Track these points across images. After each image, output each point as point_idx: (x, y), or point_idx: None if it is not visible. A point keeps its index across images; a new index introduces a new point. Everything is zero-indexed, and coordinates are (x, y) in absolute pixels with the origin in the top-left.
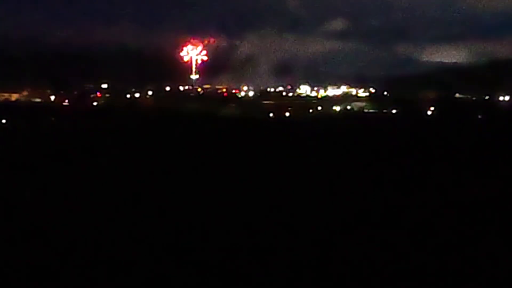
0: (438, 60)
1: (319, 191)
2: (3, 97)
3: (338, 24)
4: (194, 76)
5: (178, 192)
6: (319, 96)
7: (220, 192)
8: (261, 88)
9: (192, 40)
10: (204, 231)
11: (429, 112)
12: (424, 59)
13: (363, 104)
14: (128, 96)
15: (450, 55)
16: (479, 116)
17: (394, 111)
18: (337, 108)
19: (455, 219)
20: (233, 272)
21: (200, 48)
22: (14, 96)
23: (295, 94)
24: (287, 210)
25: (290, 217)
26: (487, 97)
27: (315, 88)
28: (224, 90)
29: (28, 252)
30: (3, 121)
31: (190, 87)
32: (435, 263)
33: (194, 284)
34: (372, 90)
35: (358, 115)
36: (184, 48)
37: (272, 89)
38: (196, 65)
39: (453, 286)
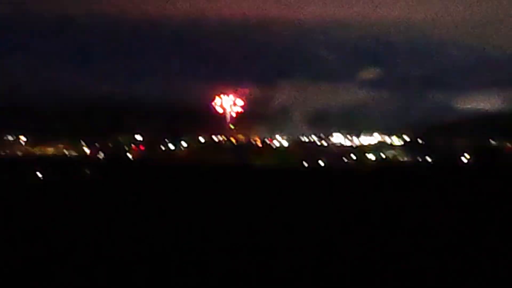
0: (473, 107)
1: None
2: (39, 151)
3: (372, 72)
4: (228, 127)
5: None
6: (353, 145)
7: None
8: (295, 137)
9: (226, 91)
10: None
11: (464, 160)
12: (458, 106)
13: (397, 152)
14: (163, 148)
15: (485, 102)
16: None
17: (428, 159)
18: (371, 157)
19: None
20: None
21: (234, 98)
22: (50, 150)
23: (329, 143)
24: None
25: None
26: None
27: (349, 137)
28: (258, 140)
29: None
30: (39, 174)
31: (225, 138)
32: None
33: None
34: (406, 138)
35: (392, 163)
36: (218, 99)
37: (306, 138)
38: (230, 116)
39: None
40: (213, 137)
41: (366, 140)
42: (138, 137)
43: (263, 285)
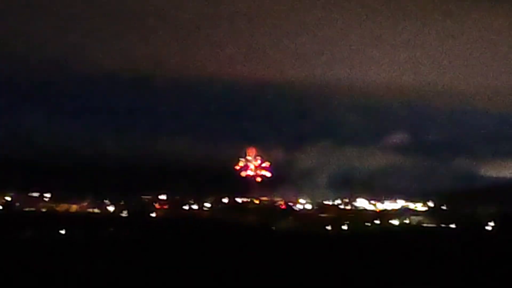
0: (497, 175)
1: None
2: (63, 208)
3: (396, 138)
4: (251, 189)
5: None
6: (377, 210)
7: None
8: (319, 200)
9: (251, 153)
10: None
11: (488, 228)
12: (483, 174)
13: (421, 218)
14: (186, 207)
15: (510, 170)
16: None
17: (452, 225)
18: (394, 222)
19: None
20: None
21: (259, 161)
22: (74, 207)
23: (352, 208)
24: None
25: None
26: None
27: (372, 202)
28: (282, 202)
29: None
30: (63, 232)
31: (248, 200)
32: None
33: None
34: (430, 204)
35: (416, 229)
36: (243, 161)
37: (329, 202)
38: (254, 178)
39: None
40: (236, 198)
41: (389, 205)
42: (162, 196)
43: None
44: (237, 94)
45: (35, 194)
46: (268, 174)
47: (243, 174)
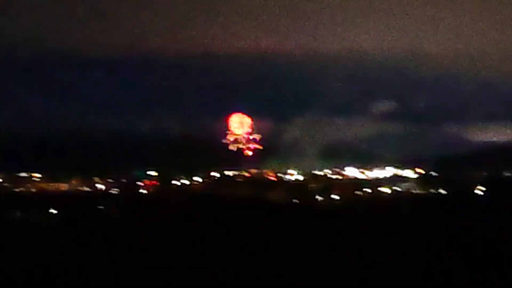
0: (486, 139)
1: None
2: (52, 187)
3: (385, 106)
4: (241, 161)
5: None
6: (367, 178)
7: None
8: (308, 171)
9: (239, 126)
10: None
11: (478, 192)
12: (472, 139)
13: (411, 185)
14: (176, 183)
15: (499, 134)
16: None
17: (442, 191)
18: (384, 190)
19: None
20: None
21: (247, 133)
22: (63, 186)
23: (342, 177)
24: None
25: None
26: None
27: (362, 170)
28: (272, 174)
29: None
30: (53, 211)
31: (237, 172)
32: None
33: None
34: (420, 171)
35: (406, 196)
36: (232, 134)
37: (319, 172)
38: (243, 151)
39: None
40: (226, 171)
41: (379, 173)
42: (152, 172)
43: None
44: (226, 66)
45: (24, 174)
46: (258, 147)
47: (232, 147)
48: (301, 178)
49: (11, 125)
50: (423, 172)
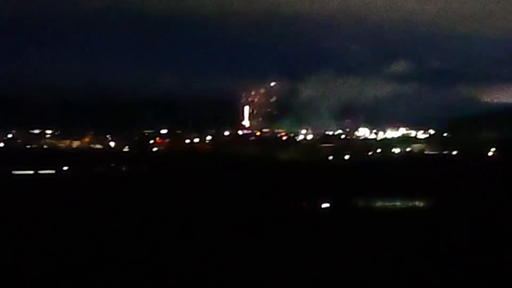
0: (499, 100)
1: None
2: (64, 144)
3: (399, 66)
4: (253, 121)
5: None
6: (379, 139)
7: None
8: (321, 131)
9: (252, 84)
10: None
11: (490, 153)
12: (485, 100)
13: (423, 146)
14: (188, 141)
15: (510, 95)
16: None
17: (454, 152)
18: (396, 150)
19: None
20: None
21: (260, 92)
22: (76, 143)
23: (354, 137)
24: None
25: None
26: None
27: (374, 131)
28: (283, 133)
29: None
30: (65, 168)
31: (249, 131)
32: None
33: None
34: (432, 132)
35: (417, 156)
36: (244, 92)
37: (331, 132)
38: (255, 109)
39: None
40: (238, 131)
41: (391, 134)
42: (163, 131)
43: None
44: (239, 24)
45: (36, 131)
46: (269, 104)
47: (244, 104)
48: (311, 137)
49: (24, 81)
50: (434, 133)
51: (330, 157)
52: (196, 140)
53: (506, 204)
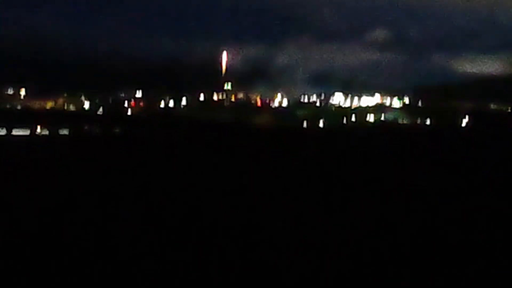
0: (474, 70)
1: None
2: (37, 105)
3: (375, 34)
4: (227, 85)
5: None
6: (353, 107)
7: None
8: (295, 97)
9: (228, 49)
10: None
11: (463, 123)
12: (460, 70)
13: (397, 114)
14: (162, 105)
15: (486, 66)
16: None
17: (427, 122)
18: (370, 118)
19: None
20: None
21: (236, 57)
22: (49, 104)
23: (329, 104)
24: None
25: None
26: None
27: (349, 99)
28: (258, 99)
29: None
30: (38, 129)
31: (224, 96)
32: None
33: None
34: (406, 101)
35: (391, 125)
36: (219, 57)
37: (306, 99)
38: (230, 74)
39: None
40: (213, 95)
41: (366, 101)
42: (138, 94)
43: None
44: None
45: (10, 92)
46: (244, 69)
47: (220, 70)
48: (286, 104)
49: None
50: (409, 102)
51: (304, 124)
52: (171, 104)
53: (479, 175)
